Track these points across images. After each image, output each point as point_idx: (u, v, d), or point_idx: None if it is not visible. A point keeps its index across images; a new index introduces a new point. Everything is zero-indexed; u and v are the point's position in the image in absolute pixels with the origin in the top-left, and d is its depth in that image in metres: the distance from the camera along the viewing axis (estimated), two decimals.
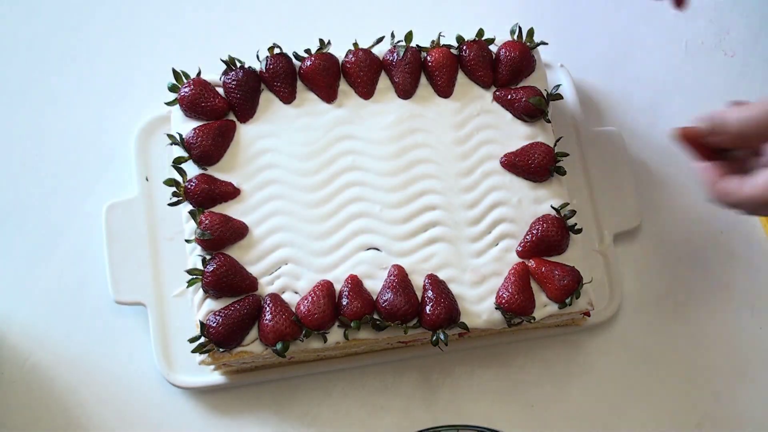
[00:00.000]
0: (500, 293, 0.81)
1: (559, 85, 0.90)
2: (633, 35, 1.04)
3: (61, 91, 1.00)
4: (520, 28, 0.90)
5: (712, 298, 0.94)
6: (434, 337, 0.79)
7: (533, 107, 0.87)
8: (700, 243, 0.95)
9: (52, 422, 0.89)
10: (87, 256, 0.93)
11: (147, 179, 0.94)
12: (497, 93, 0.89)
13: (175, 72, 0.87)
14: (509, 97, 0.88)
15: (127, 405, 0.90)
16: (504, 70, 0.89)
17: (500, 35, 0.90)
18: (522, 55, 0.89)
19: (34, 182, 0.97)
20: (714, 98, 1.01)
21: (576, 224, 0.84)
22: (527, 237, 0.83)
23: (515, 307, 0.80)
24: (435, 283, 0.81)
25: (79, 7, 1.03)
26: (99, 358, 0.91)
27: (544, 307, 0.82)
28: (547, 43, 0.90)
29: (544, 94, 0.88)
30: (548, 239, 0.83)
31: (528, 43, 0.90)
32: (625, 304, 0.93)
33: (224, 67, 0.88)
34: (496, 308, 0.81)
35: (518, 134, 0.87)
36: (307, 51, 0.89)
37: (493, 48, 0.90)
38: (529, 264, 0.82)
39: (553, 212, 0.84)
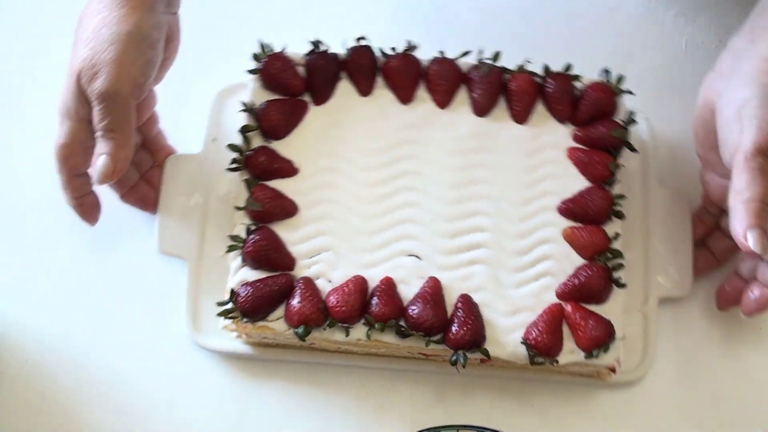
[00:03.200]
0: (530, 329, 0.80)
1: (632, 112, 0.88)
2: (632, 35, 1.04)
3: None
4: (609, 73, 0.89)
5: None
6: (453, 357, 0.79)
7: (617, 140, 0.86)
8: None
9: (52, 422, 0.88)
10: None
11: (214, 140, 0.95)
12: (577, 133, 0.88)
13: (261, 43, 0.88)
14: (591, 135, 0.87)
15: (126, 405, 0.89)
16: (585, 109, 0.88)
17: (587, 74, 0.90)
18: (607, 98, 0.88)
19: None
20: None
21: (621, 278, 0.82)
22: (570, 280, 0.82)
23: (541, 346, 0.79)
24: (467, 303, 0.81)
25: None
26: (99, 359, 0.90)
27: (570, 353, 0.80)
28: (634, 93, 0.89)
29: (622, 123, 0.88)
30: (590, 287, 0.81)
31: (615, 89, 0.89)
32: (656, 369, 0.90)
33: (310, 47, 0.89)
34: (522, 343, 0.80)
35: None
36: (393, 49, 0.89)
37: (578, 86, 0.89)
38: (566, 307, 0.81)
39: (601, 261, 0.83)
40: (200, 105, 0.97)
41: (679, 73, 1.02)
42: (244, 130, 0.86)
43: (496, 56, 0.89)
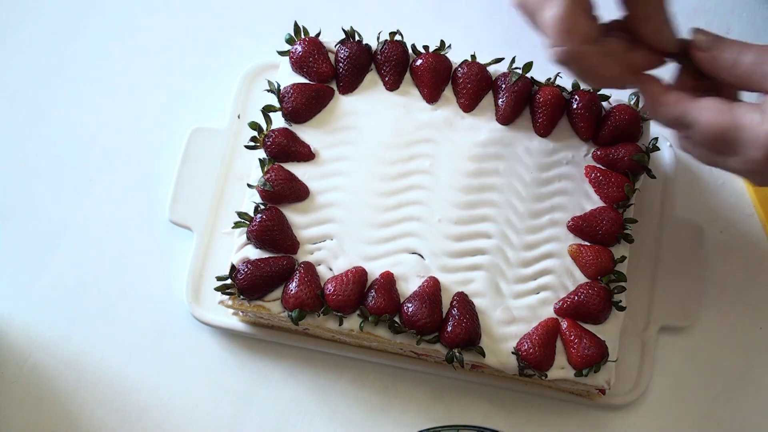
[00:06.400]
0: (523, 341, 0.80)
1: (656, 138, 0.88)
2: None
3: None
4: (638, 97, 0.88)
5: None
6: (449, 353, 0.79)
7: (636, 164, 0.86)
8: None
9: (52, 422, 0.88)
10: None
11: (239, 117, 0.96)
12: (597, 152, 0.87)
13: (296, 25, 0.89)
14: (611, 156, 0.87)
15: (126, 408, 0.89)
16: (608, 129, 0.87)
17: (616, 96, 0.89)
18: (632, 122, 0.87)
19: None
20: None
21: (621, 301, 0.82)
22: (570, 297, 0.82)
23: (532, 358, 0.79)
24: (462, 302, 0.81)
25: None
26: (99, 360, 0.90)
27: (561, 369, 0.80)
28: None
29: (644, 149, 0.87)
30: (589, 306, 0.81)
31: (642, 114, 0.88)
32: (648, 395, 0.90)
33: (343, 35, 0.89)
34: (514, 353, 0.80)
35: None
36: (425, 48, 0.89)
37: (605, 106, 0.89)
38: (562, 323, 0.81)
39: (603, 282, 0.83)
40: (230, 81, 0.98)
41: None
42: (266, 110, 0.87)
43: (527, 67, 0.88)
